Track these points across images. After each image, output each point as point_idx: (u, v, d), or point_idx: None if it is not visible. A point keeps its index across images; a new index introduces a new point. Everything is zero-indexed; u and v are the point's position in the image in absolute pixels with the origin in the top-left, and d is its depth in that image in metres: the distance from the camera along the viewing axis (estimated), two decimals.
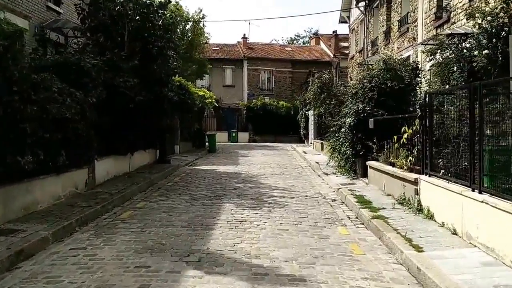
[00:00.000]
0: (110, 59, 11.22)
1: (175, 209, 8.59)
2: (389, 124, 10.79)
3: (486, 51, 8.65)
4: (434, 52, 11.09)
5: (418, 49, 15.94)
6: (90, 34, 12.76)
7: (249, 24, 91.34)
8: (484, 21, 9.00)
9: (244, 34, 43.83)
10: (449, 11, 13.67)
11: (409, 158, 8.22)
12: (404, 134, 8.34)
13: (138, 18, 13.03)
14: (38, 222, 6.97)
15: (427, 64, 13.88)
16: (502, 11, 8.35)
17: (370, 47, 23.67)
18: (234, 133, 35.94)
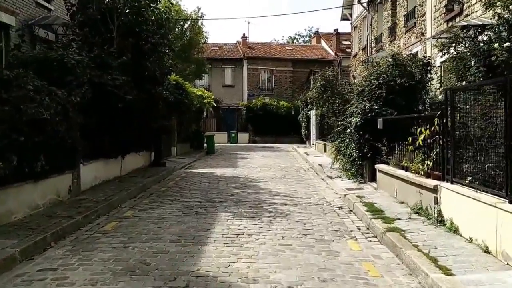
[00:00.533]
0: (98, 55, 10.36)
1: (165, 219, 7.74)
2: (400, 125, 9.95)
3: (507, 44, 7.84)
4: (449, 46, 10.26)
5: (427, 45, 15.08)
6: (79, 30, 11.92)
7: (248, 23, 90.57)
8: (506, 11, 8.19)
9: (244, 34, 43.07)
10: (462, 2, 12.81)
11: (426, 162, 7.36)
12: (420, 135, 7.48)
13: (129, 12, 12.18)
14: (8, 237, 6.12)
15: (437, 60, 13.04)
16: None
17: (374, 44, 22.82)
18: (233, 134, 35.12)
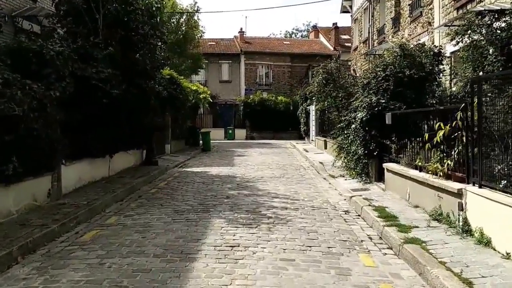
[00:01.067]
0: (82, 46, 9.45)
1: (152, 227, 6.88)
2: (410, 120, 9.13)
3: None
4: (463, 34, 9.42)
5: (435, 35, 14.24)
6: (63, 20, 11.02)
7: (246, 18, 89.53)
8: None
9: (241, 28, 42.31)
10: None
11: (447, 162, 6.51)
12: (439, 132, 6.62)
13: (116, 0, 11.24)
14: None
15: (447, 49, 12.17)
16: None
17: (376, 36, 21.95)
18: (230, 130, 34.26)
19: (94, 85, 9.13)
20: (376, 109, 10.24)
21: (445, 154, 6.85)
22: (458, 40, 9.57)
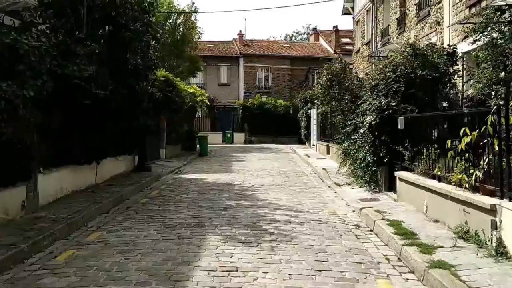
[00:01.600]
0: (63, 41, 8.61)
1: (138, 246, 6.03)
2: (426, 124, 8.33)
3: None
4: (481, 31, 8.64)
5: (444, 35, 13.46)
6: (44, 13, 10.15)
7: (245, 20, 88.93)
8: None
9: (240, 31, 41.59)
10: None
11: (475, 172, 5.68)
12: (463, 138, 5.80)
13: None
14: None
15: (459, 49, 11.37)
16: None
17: (379, 37, 21.18)
18: (229, 134, 33.43)
19: (76, 84, 8.28)
20: (386, 112, 9.42)
21: (470, 164, 6.02)
22: (476, 38, 8.81)
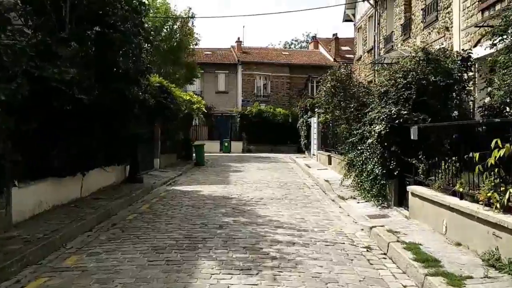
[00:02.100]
0: (42, 41, 7.85)
1: (120, 274, 5.22)
2: (440, 135, 7.61)
3: None
4: (501, 34, 7.95)
5: (453, 40, 12.77)
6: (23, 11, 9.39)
7: (243, 27, 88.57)
8: None
9: (239, 38, 40.87)
10: None
11: (508, 190, 4.92)
12: (494, 151, 5.05)
13: None
14: None
15: (471, 55, 10.67)
16: None
17: (382, 44, 20.52)
18: (226, 143, 32.63)
19: (55, 87, 7.50)
20: (396, 121, 8.70)
21: (501, 180, 5.27)
22: (494, 41, 8.12)
